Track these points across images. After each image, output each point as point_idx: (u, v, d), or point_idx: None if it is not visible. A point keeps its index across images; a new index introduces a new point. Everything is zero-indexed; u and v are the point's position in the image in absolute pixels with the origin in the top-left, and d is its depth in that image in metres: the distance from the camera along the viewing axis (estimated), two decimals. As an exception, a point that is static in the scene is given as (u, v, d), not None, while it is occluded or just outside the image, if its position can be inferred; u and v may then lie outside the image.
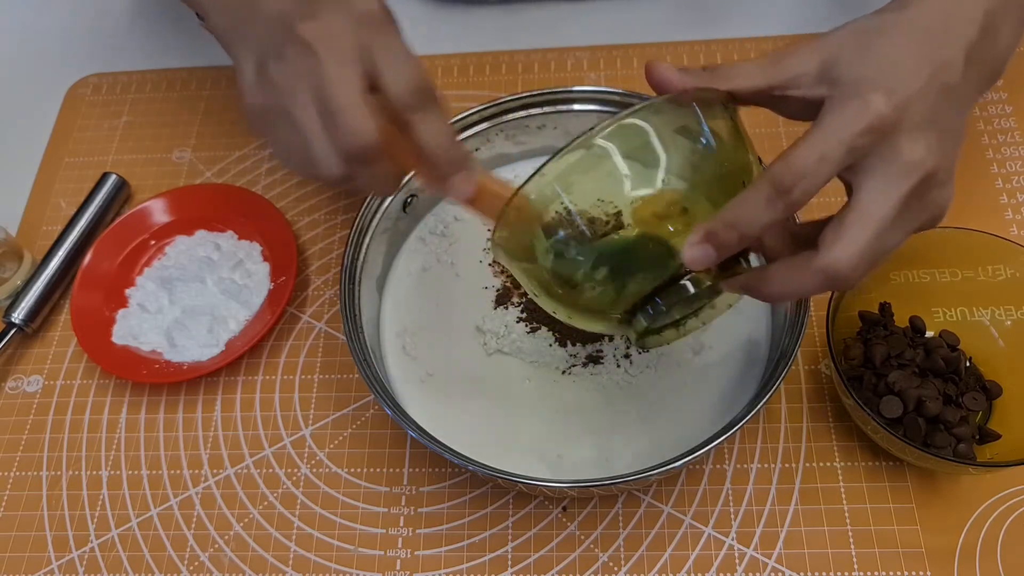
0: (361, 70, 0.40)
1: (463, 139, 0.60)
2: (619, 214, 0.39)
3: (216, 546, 0.54)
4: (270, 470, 0.56)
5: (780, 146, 0.66)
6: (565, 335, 0.56)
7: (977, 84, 0.40)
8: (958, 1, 0.39)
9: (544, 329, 0.56)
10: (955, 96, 0.38)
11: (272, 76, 0.41)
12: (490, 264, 0.60)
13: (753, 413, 0.46)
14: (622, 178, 0.40)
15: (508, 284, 0.58)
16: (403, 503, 0.54)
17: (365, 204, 0.56)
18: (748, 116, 0.67)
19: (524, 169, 0.64)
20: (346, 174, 0.41)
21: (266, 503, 0.55)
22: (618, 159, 0.39)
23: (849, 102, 0.37)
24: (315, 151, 0.41)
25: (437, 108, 0.41)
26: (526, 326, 0.56)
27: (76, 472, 0.58)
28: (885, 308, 0.54)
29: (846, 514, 0.52)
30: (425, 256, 0.60)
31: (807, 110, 0.39)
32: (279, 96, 0.41)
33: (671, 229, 0.39)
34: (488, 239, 0.60)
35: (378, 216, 0.57)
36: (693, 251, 0.38)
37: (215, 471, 0.57)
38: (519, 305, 0.57)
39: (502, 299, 0.58)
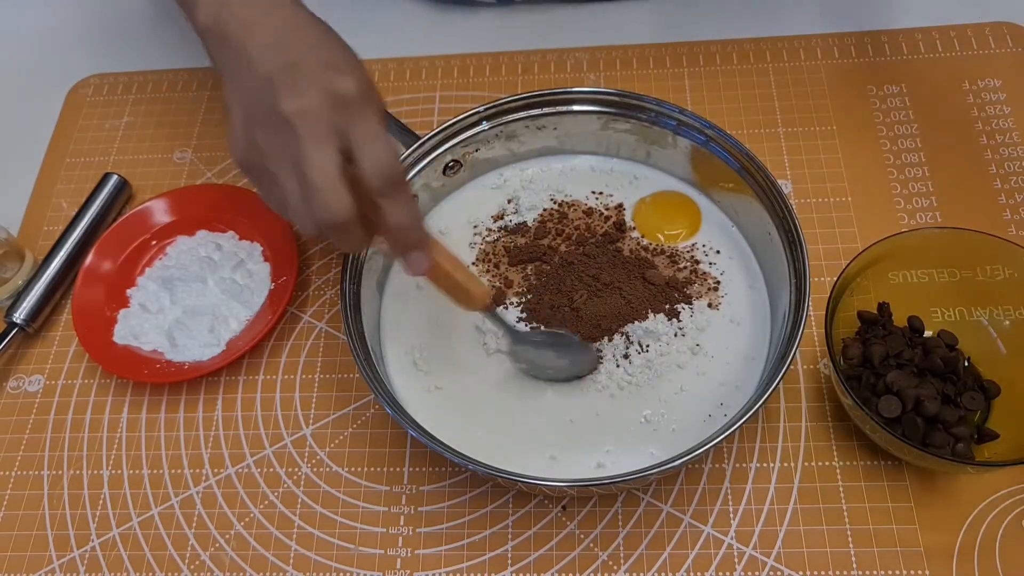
0: (337, 148, 0.43)
1: (463, 140, 0.60)
2: None
3: (217, 545, 0.54)
4: (271, 469, 0.56)
5: (779, 146, 0.66)
6: (565, 335, 0.56)
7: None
8: None
9: (543, 329, 0.56)
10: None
11: (258, 141, 0.44)
12: (473, 263, 0.60)
13: (752, 412, 0.46)
14: None
15: (499, 285, 0.58)
16: (403, 502, 0.54)
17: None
18: (746, 115, 0.67)
19: (523, 169, 0.64)
20: (320, 236, 0.45)
21: (267, 502, 0.55)
22: None
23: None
24: (293, 214, 0.45)
25: (404, 193, 0.45)
26: (526, 326, 0.56)
27: (77, 471, 0.58)
28: (883, 308, 0.54)
29: (845, 513, 0.52)
30: None
31: None
32: (264, 159, 0.44)
33: None
34: (471, 243, 0.61)
35: (378, 216, 0.57)
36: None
37: (216, 470, 0.57)
38: (518, 305, 0.58)
39: (498, 299, 0.58)
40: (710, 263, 0.58)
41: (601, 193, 0.62)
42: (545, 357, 0.54)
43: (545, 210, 0.62)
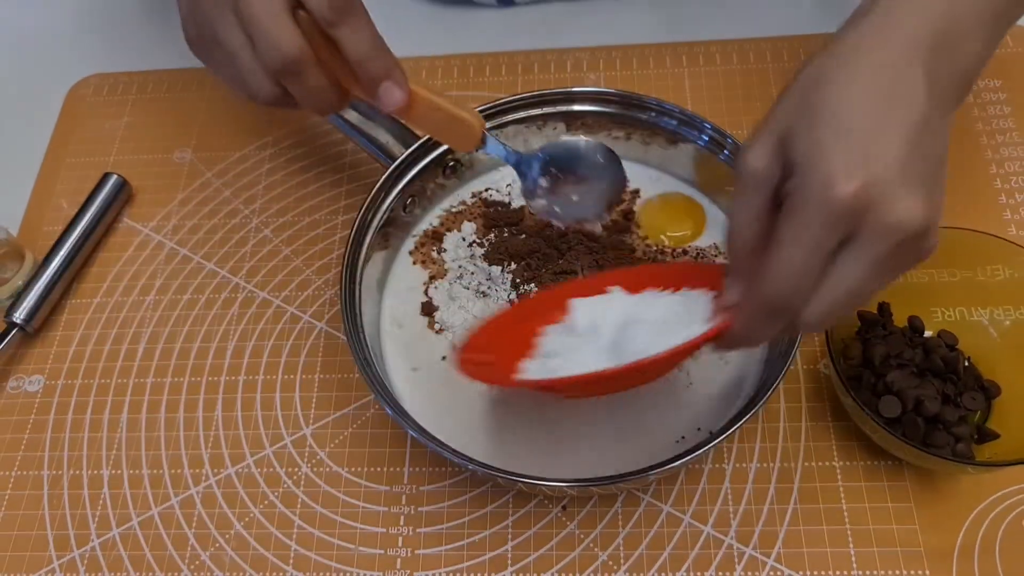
0: None
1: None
2: None
3: (217, 545, 0.54)
4: (271, 469, 0.56)
5: (779, 146, 0.66)
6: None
7: (944, 106, 0.37)
8: (900, 24, 0.37)
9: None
10: (925, 131, 0.36)
11: (202, 7, 0.43)
12: (481, 259, 0.60)
13: (752, 412, 0.46)
14: None
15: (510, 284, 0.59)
16: (403, 502, 0.54)
17: (365, 204, 0.56)
18: (746, 115, 0.67)
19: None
20: (280, 92, 0.43)
21: (267, 502, 0.55)
22: None
23: (812, 196, 0.34)
24: (245, 72, 0.42)
25: (358, 19, 0.42)
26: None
27: (77, 471, 0.58)
28: (884, 308, 0.54)
29: (845, 513, 0.52)
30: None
31: None
32: (208, 23, 0.43)
33: None
34: (473, 241, 0.60)
35: (378, 216, 0.57)
36: (722, 350, 0.43)
37: (216, 470, 0.57)
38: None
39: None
40: None
41: None
42: (556, 186, 0.48)
43: None
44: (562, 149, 0.49)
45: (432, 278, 0.60)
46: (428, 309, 0.58)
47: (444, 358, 0.56)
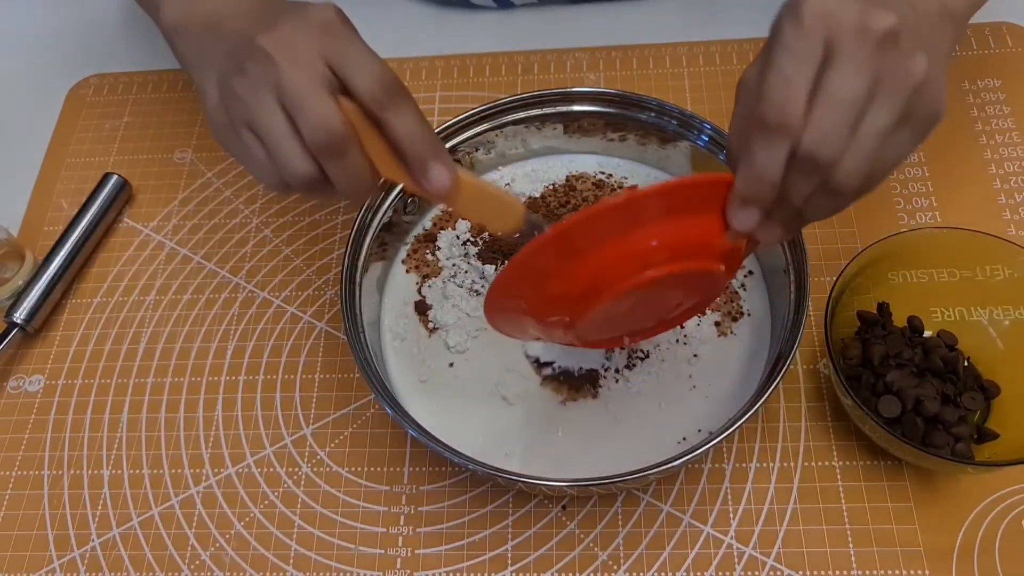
0: (323, 74, 0.40)
1: (464, 140, 0.60)
2: None
3: (217, 545, 0.54)
4: (271, 469, 0.56)
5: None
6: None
7: (927, 30, 0.40)
8: None
9: None
10: (908, 17, 0.38)
11: (235, 90, 0.41)
12: (475, 257, 0.60)
13: (752, 412, 0.46)
14: None
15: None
16: (403, 502, 0.54)
17: (365, 204, 0.56)
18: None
19: (523, 169, 0.64)
20: (317, 172, 0.41)
21: (267, 502, 0.55)
22: None
23: (786, 22, 0.37)
24: (283, 152, 0.41)
25: (408, 102, 0.42)
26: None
27: (77, 471, 0.58)
28: (883, 308, 0.54)
29: (844, 513, 0.52)
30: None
31: None
32: (243, 108, 0.41)
33: None
34: (470, 239, 0.60)
35: (378, 216, 0.57)
36: (740, 219, 0.39)
37: (216, 470, 0.57)
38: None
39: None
40: (741, 285, 0.58)
41: (612, 175, 0.62)
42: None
43: (550, 185, 0.62)
44: None
45: (425, 277, 0.60)
46: (422, 308, 0.58)
47: (452, 365, 0.56)
